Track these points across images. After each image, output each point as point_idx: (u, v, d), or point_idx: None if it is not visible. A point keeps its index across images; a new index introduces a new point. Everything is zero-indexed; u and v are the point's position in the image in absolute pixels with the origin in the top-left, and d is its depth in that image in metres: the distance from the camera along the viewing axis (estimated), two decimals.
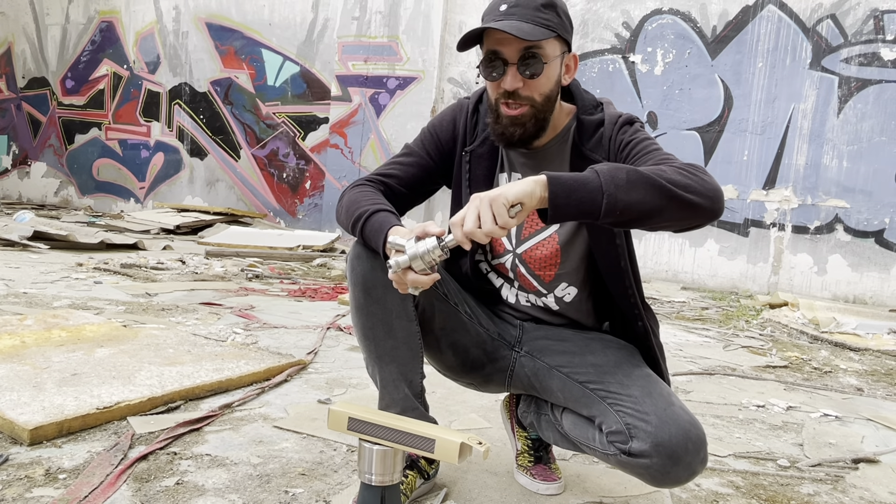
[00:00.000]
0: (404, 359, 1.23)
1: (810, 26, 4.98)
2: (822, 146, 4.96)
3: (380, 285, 1.18)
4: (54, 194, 8.64)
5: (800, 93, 5.01)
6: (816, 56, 4.96)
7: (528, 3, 1.13)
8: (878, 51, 4.79)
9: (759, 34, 5.12)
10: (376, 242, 1.14)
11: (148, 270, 3.98)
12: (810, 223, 5.01)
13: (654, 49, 5.43)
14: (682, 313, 3.97)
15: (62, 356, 1.95)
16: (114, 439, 1.49)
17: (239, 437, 1.58)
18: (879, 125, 4.80)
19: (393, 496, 0.88)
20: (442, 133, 1.32)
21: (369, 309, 1.21)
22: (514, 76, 1.15)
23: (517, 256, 1.30)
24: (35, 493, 1.23)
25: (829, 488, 1.54)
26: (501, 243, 1.31)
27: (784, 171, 5.08)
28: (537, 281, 1.31)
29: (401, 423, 0.87)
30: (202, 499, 1.26)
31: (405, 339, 1.23)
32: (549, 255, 1.28)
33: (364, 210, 1.18)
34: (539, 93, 1.16)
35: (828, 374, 2.71)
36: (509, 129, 1.18)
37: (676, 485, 1.10)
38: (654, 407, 1.09)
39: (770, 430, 1.94)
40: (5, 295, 2.97)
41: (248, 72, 7.25)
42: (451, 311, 1.30)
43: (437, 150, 1.32)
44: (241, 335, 2.53)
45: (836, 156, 4.93)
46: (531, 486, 1.41)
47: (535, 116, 1.18)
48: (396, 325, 1.22)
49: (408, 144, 1.35)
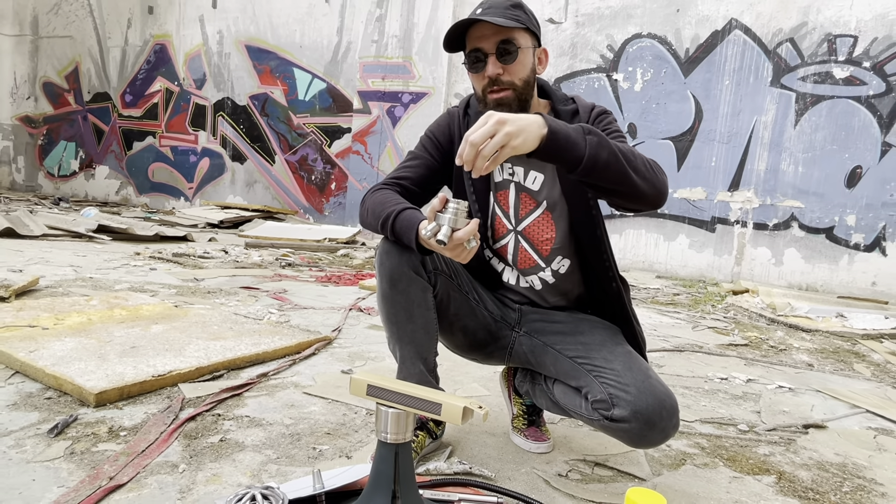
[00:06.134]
0: (421, 341, 1.23)
1: (771, 48, 4.92)
2: (780, 154, 4.92)
3: (405, 278, 1.18)
4: (115, 193, 8.67)
5: (762, 107, 4.96)
6: (776, 75, 4.91)
7: (499, 4, 1.17)
8: (832, 70, 4.74)
9: (726, 55, 5.06)
10: (408, 238, 1.13)
11: (196, 259, 4.00)
12: (769, 221, 4.98)
13: (635, 68, 5.38)
14: (656, 298, 3.96)
15: (123, 332, 1.97)
16: (167, 402, 1.50)
17: (273, 401, 1.59)
18: (831, 135, 4.75)
19: (405, 452, 0.89)
20: (441, 137, 1.32)
21: (394, 298, 1.21)
22: (493, 64, 1.16)
23: (518, 234, 1.30)
24: (100, 447, 1.25)
25: (783, 449, 1.54)
26: (504, 225, 1.30)
27: (747, 175, 5.04)
28: (537, 255, 1.30)
29: (412, 390, 0.87)
30: (242, 453, 1.27)
31: (423, 325, 1.23)
32: (546, 229, 1.28)
33: (391, 210, 1.17)
34: (518, 77, 1.18)
35: (783, 351, 2.70)
36: (497, 110, 1.17)
37: (651, 446, 1.11)
38: (634, 379, 1.09)
39: (732, 400, 1.93)
40: (74, 279, 2.99)
41: (281, 88, 7.24)
42: (463, 299, 1.30)
43: (438, 152, 1.32)
44: (275, 315, 2.54)
45: (793, 162, 4.88)
46: (524, 445, 1.42)
47: (518, 98, 1.19)
48: (417, 313, 1.22)
49: (412, 151, 1.35)
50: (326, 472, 1.02)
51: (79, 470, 1.14)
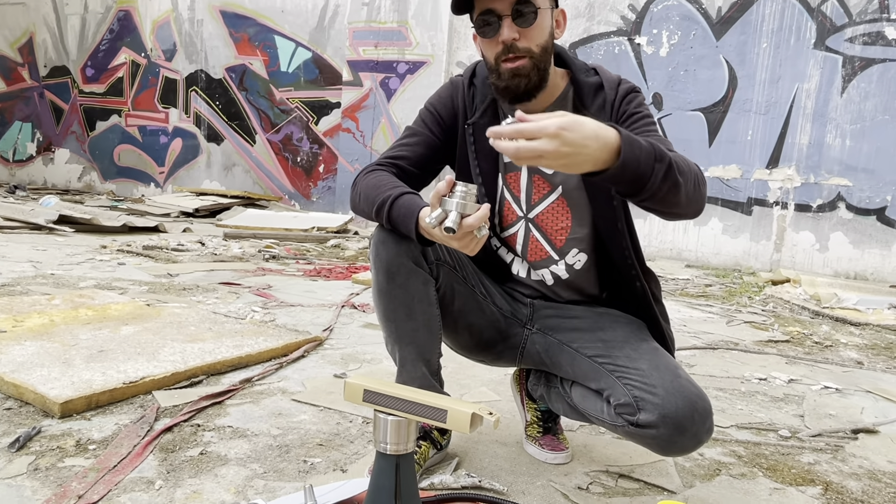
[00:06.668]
0: (423, 340, 1.23)
1: (815, 6, 4.87)
2: (825, 125, 4.89)
3: (403, 270, 1.18)
4: (77, 179, 8.69)
5: (804, 73, 4.93)
6: (821, 36, 4.87)
7: None
8: (883, 30, 4.69)
9: (763, 15, 5.02)
10: (407, 226, 1.12)
11: (169, 252, 4.01)
12: (813, 201, 4.96)
13: (660, 31, 5.34)
14: (685, 290, 3.95)
15: (89, 334, 1.98)
16: (140, 412, 1.51)
17: (259, 409, 1.60)
18: (883, 104, 4.71)
19: (407, 464, 0.89)
20: (442, 110, 1.30)
21: (392, 293, 1.20)
22: (509, 27, 1.13)
23: (530, 221, 1.28)
24: (67, 462, 1.26)
25: (829, 457, 1.54)
26: (513, 211, 1.29)
27: (787, 150, 5.01)
28: (550, 245, 1.29)
29: (414, 395, 0.88)
30: (225, 468, 1.28)
31: (425, 322, 1.23)
32: (560, 217, 1.26)
33: (387, 195, 1.15)
34: (536, 43, 1.15)
35: (828, 348, 2.70)
36: (513, 81, 1.16)
37: (683, 453, 1.11)
38: (661, 380, 1.09)
39: (772, 402, 1.94)
40: (34, 276, 3.00)
41: (261, 58, 7.22)
42: (469, 293, 1.30)
43: (439, 128, 1.30)
44: (259, 313, 2.54)
45: (839, 135, 4.85)
46: (540, 455, 1.43)
47: (536, 67, 1.16)
48: (417, 309, 1.21)
49: (409, 126, 1.33)
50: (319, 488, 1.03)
51: (44, 488, 1.15)
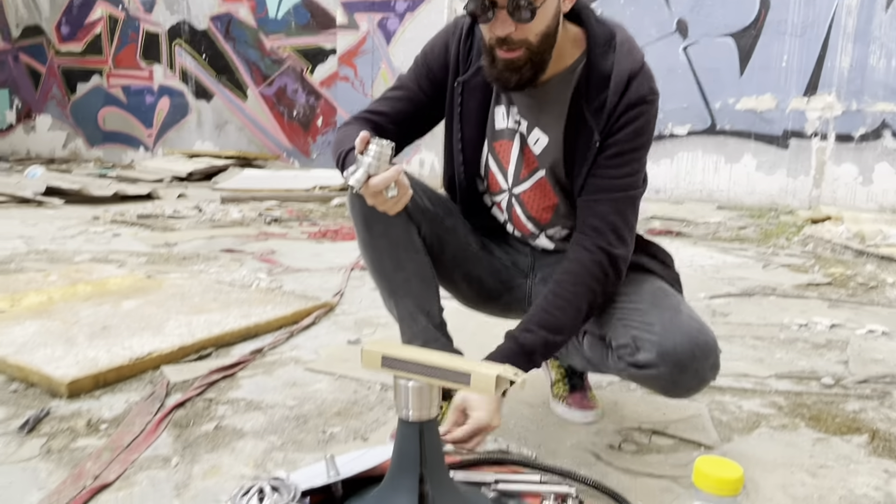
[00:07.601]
0: (418, 290, 1.26)
1: None
2: (868, 45, 4.74)
3: (381, 219, 1.18)
4: (62, 147, 8.71)
5: None
6: None
7: None
8: None
9: None
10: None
11: (165, 220, 4.04)
12: (855, 131, 4.86)
13: None
14: (718, 234, 3.93)
15: (90, 310, 2.01)
16: (150, 388, 1.55)
17: (272, 380, 1.63)
18: None
19: (431, 430, 0.91)
20: (433, 62, 1.25)
21: (374, 243, 1.24)
22: (503, 21, 1.05)
23: (514, 197, 1.29)
24: (80, 443, 1.30)
25: (876, 404, 1.56)
26: (497, 183, 1.30)
27: (826, 75, 4.89)
28: (532, 223, 1.31)
29: (435, 359, 0.89)
30: (242, 441, 1.32)
31: (415, 271, 1.25)
32: (548, 194, 1.26)
33: (342, 150, 1.16)
34: (534, 34, 1.07)
35: (874, 288, 2.69)
36: (504, 73, 1.11)
37: (689, 394, 1.14)
38: (660, 317, 1.11)
39: (813, 349, 1.94)
40: (26, 252, 3.05)
41: (248, 4, 7.09)
42: (459, 242, 1.32)
43: (428, 83, 1.26)
44: (265, 280, 2.57)
45: (884, 55, 4.71)
46: (567, 414, 1.45)
47: (532, 59, 1.09)
48: (404, 258, 1.24)
49: (401, 76, 1.30)
50: (341, 458, 1.06)
51: (59, 469, 1.20)
